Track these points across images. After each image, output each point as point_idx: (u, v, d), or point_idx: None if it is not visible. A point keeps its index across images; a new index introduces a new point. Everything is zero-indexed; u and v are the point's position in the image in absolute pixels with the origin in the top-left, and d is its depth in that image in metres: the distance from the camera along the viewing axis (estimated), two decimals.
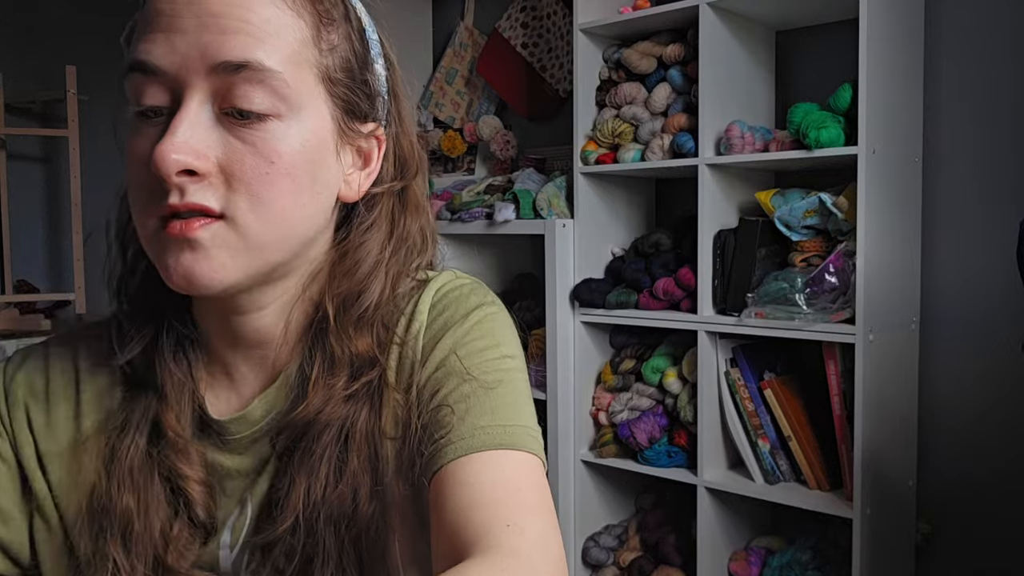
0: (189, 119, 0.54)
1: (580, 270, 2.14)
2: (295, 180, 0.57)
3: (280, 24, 0.56)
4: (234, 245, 0.56)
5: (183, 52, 0.54)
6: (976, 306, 1.88)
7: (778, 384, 1.89)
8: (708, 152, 1.90)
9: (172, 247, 0.55)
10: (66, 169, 3.41)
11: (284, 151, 0.56)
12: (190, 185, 0.54)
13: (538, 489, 0.56)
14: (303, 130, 0.58)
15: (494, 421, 0.58)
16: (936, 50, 1.90)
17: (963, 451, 1.90)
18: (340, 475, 0.61)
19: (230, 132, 0.55)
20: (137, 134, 0.57)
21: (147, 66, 0.55)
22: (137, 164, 0.56)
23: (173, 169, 0.53)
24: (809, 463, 1.86)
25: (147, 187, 0.56)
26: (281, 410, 0.64)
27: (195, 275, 0.55)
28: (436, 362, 0.62)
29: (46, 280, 3.71)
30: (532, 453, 0.58)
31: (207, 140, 0.55)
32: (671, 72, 2.01)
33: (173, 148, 0.53)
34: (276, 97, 0.56)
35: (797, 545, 1.93)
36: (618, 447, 2.09)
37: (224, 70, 0.54)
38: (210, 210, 0.55)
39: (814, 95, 1.86)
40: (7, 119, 3.32)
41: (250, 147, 0.55)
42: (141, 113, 0.56)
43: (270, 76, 0.55)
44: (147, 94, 0.56)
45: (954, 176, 1.90)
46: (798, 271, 1.82)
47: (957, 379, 1.90)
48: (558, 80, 2.51)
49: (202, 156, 0.54)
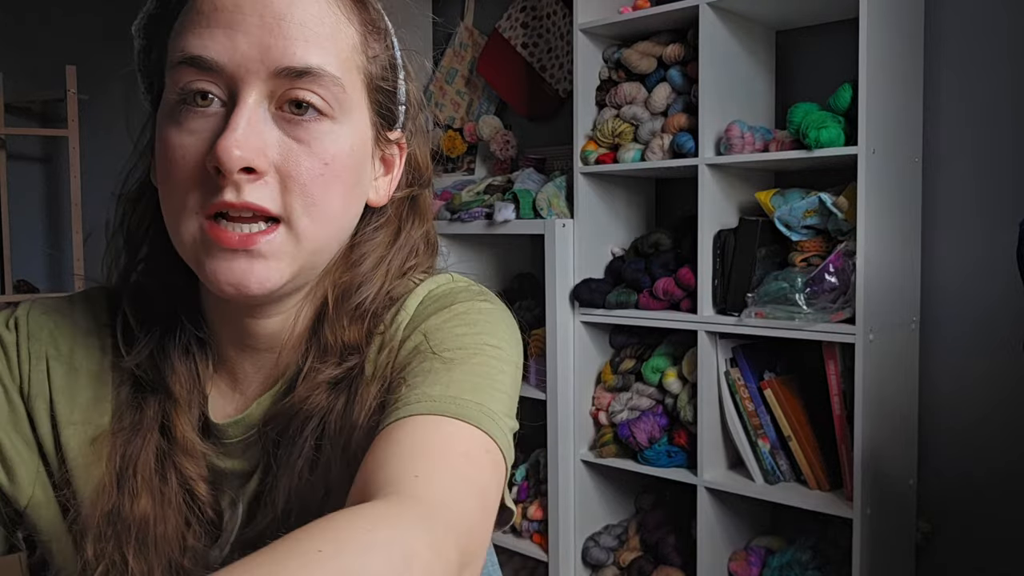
0: (248, 116, 0.54)
1: (580, 270, 2.14)
2: (344, 183, 0.58)
3: (336, 30, 0.57)
4: (291, 251, 0.56)
5: (244, 52, 0.53)
6: (976, 306, 1.88)
7: (778, 384, 1.89)
8: (708, 152, 1.90)
9: (223, 253, 0.54)
10: (66, 169, 3.41)
11: (336, 153, 0.57)
12: (246, 184, 0.54)
13: (468, 458, 0.51)
14: (352, 134, 0.58)
15: (447, 392, 0.54)
16: (936, 50, 1.91)
17: (963, 450, 1.90)
18: (314, 467, 0.60)
19: (286, 132, 0.55)
20: (179, 127, 0.55)
21: (204, 61, 0.54)
22: (182, 158, 0.54)
23: (236, 165, 0.52)
24: (809, 463, 1.86)
25: (193, 182, 0.54)
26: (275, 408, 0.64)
27: (248, 284, 0.55)
28: (409, 348, 0.60)
29: (46, 280, 3.71)
30: (480, 429, 0.53)
31: (266, 139, 0.54)
32: (671, 72, 2.02)
33: (236, 144, 0.52)
34: (332, 100, 0.56)
35: (797, 545, 1.93)
36: (618, 447, 2.09)
37: (287, 75, 0.54)
38: (266, 211, 0.54)
39: (814, 95, 1.86)
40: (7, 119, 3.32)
41: (305, 147, 0.55)
42: (183, 103, 0.55)
43: (329, 80, 0.56)
44: (195, 86, 0.54)
45: (954, 176, 1.90)
46: (798, 271, 1.82)
47: (957, 379, 1.90)
48: (558, 80, 2.52)
49: (262, 154, 0.54)
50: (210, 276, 0.55)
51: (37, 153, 3.71)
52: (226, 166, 0.52)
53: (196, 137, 0.54)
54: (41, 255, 3.72)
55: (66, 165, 3.40)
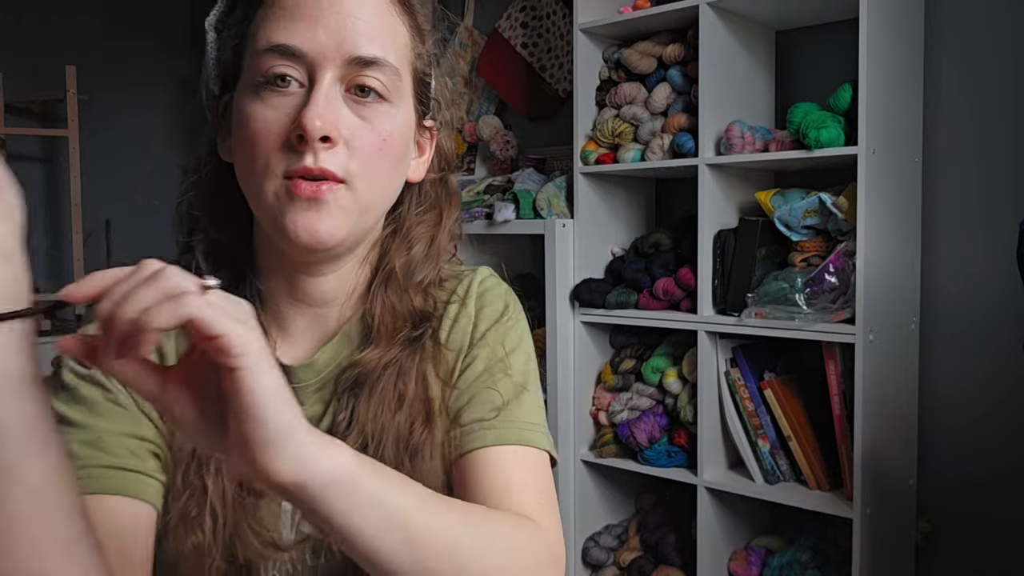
0: (325, 94, 0.64)
1: (580, 270, 2.14)
2: (395, 157, 0.69)
3: (393, 30, 0.69)
4: (348, 207, 0.66)
5: (323, 41, 0.64)
6: (976, 306, 1.88)
7: (778, 384, 1.89)
8: (708, 152, 1.90)
9: (298, 206, 0.64)
10: (66, 169, 3.41)
11: (392, 130, 0.68)
12: (322, 151, 0.63)
13: (548, 480, 0.73)
14: (402, 116, 0.69)
15: (527, 419, 0.73)
16: (936, 50, 1.91)
17: (963, 450, 1.90)
18: (400, 404, 0.71)
19: (353, 111, 0.66)
20: (263, 103, 0.65)
21: (289, 49, 0.64)
22: (266, 130, 0.64)
23: (317, 134, 0.62)
24: (809, 463, 1.86)
25: (275, 149, 0.64)
26: (342, 359, 0.73)
27: (318, 231, 0.64)
28: (483, 358, 0.75)
29: (46, 280, 3.71)
30: (543, 450, 0.73)
31: (339, 114, 0.65)
32: (671, 72, 2.01)
33: (318, 115, 0.62)
34: (390, 86, 0.67)
35: (797, 545, 1.93)
36: (618, 447, 2.09)
37: (357, 63, 0.65)
38: (335, 175, 0.64)
39: (814, 95, 1.86)
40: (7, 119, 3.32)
41: (368, 124, 0.66)
42: (266, 84, 0.65)
43: (390, 70, 0.67)
44: (278, 69, 0.64)
45: (954, 176, 1.90)
46: (798, 271, 1.82)
47: (957, 379, 1.91)
48: (558, 80, 2.52)
49: (335, 127, 0.64)
50: (288, 226, 0.64)
51: (37, 153, 3.70)
52: (309, 134, 0.62)
53: (278, 112, 0.64)
54: (41, 255, 3.72)
55: (66, 165, 3.40)
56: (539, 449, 0.72)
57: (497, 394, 0.72)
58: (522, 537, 0.64)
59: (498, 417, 0.71)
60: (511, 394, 0.73)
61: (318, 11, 0.64)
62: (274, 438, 0.46)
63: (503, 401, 0.72)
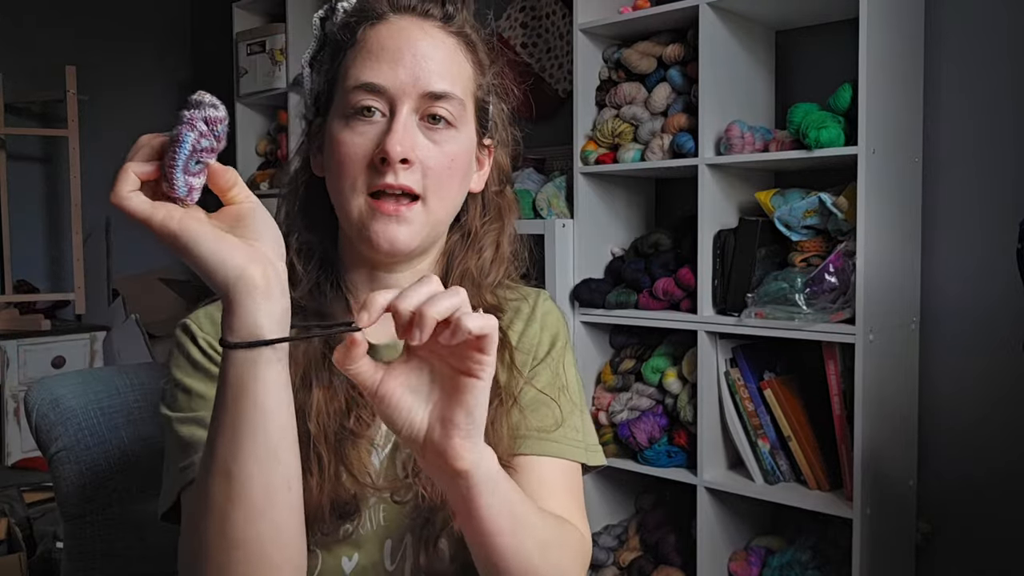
0: (404, 124, 0.76)
1: (580, 270, 2.14)
2: (461, 174, 0.82)
3: (460, 67, 0.81)
4: (423, 220, 0.79)
5: (402, 79, 0.77)
6: (976, 306, 1.88)
7: (778, 384, 1.89)
8: (708, 152, 1.90)
9: (382, 219, 0.77)
10: (66, 169, 3.41)
11: (458, 153, 0.80)
12: (401, 171, 0.76)
13: (582, 492, 0.85)
14: (466, 139, 0.82)
15: (581, 439, 0.85)
16: (936, 50, 1.91)
17: (963, 451, 1.90)
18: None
19: (426, 136, 0.78)
20: (351, 131, 0.78)
21: (374, 86, 0.77)
22: (355, 151, 0.77)
23: (399, 157, 0.75)
24: (809, 463, 1.86)
25: (362, 169, 0.77)
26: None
27: (398, 240, 0.78)
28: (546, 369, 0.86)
29: (46, 280, 3.71)
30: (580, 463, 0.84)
31: (415, 140, 0.77)
32: (671, 72, 2.02)
33: (399, 141, 0.75)
34: (456, 115, 0.79)
35: (797, 545, 1.93)
36: (618, 447, 2.09)
37: (430, 97, 0.78)
38: (413, 190, 0.77)
39: (814, 95, 1.86)
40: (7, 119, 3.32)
41: (438, 147, 0.78)
42: (356, 115, 0.77)
43: (456, 101, 0.79)
44: (366, 103, 0.77)
45: (954, 176, 1.90)
46: (798, 271, 1.82)
47: (957, 379, 1.91)
48: (558, 80, 2.52)
49: (412, 151, 0.76)
50: (372, 236, 0.77)
51: (37, 153, 3.71)
52: (391, 157, 0.74)
53: (364, 138, 0.77)
54: (41, 255, 3.72)
55: (66, 165, 3.40)
56: (580, 463, 0.84)
57: (558, 410, 0.83)
58: (573, 540, 0.77)
59: (558, 431, 0.82)
60: (569, 412, 0.84)
61: (398, 54, 0.77)
62: (473, 431, 0.59)
63: (563, 418, 0.83)
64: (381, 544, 0.80)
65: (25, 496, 2.50)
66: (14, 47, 3.54)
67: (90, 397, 1.05)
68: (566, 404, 0.85)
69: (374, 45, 0.78)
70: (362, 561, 0.80)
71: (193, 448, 0.74)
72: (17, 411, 3.16)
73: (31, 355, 3.23)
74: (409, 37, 0.78)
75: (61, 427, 1.02)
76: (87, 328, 3.41)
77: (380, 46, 0.78)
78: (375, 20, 0.80)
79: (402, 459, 0.81)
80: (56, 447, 1.01)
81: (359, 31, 0.80)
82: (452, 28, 0.82)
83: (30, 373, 3.19)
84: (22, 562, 2.03)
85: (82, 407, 1.04)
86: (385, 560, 0.80)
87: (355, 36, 0.80)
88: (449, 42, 0.81)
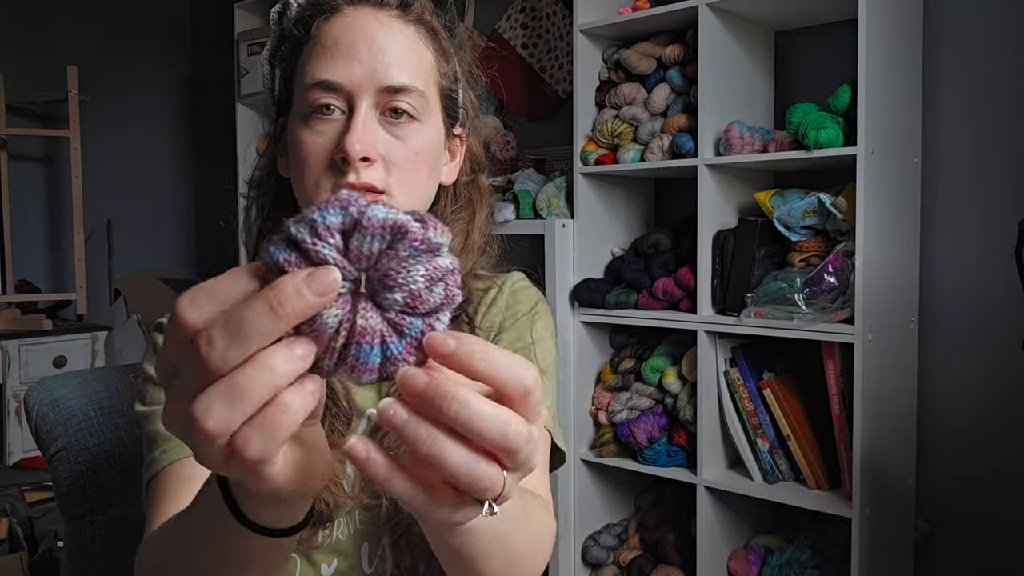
0: (363, 121, 0.73)
1: (580, 270, 2.14)
2: (427, 167, 0.78)
3: (420, 56, 0.77)
4: None
5: (359, 74, 0.73)
6: (975, 306, 1.88)
7: (777, 384, 1.89)
8: (707, 152, 1.90)
9: None
10: (67, 169, 3.42)
11: (423, 146, 0.77)
12: (363, 169, 0.73)
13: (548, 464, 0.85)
14: (432, 131, 0.78)
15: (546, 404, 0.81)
16: (935, 50, 1.91)
17: (962, 450, 1.90)
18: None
19: (388, 131, 0.75)
20: (311, 130, 0.74)
21: (330, 83, 0.73)
22: (316, 150, 0.74)
23: (358, 156, 0.71)
24: (808, 462, 1.86)
25: (323, 169, 0.74)
26: None
27: None
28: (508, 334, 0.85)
29: (47, 280, 3.72)
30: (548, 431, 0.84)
31: (375, 136, 0.74)
32: (670, 73, 2.02)
33: (357, 139, 0.72)
34: (419, 107, 0.76)
35: (796, 544, 1.93)
36: (618, 447, 2.09)
37: (389, 91, 0.74)
38: (375, 187, 0.73)
39: (813, 95, 1.87)
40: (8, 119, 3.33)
41: (401, 142, 0.75)
42: (313, 113, 0.74)
43: (417, 93, 0.75)
44: (323, 101, 0.74)
45: (953, 176, 1.90)
46: (797, 271, 1.83)
47: (956, 378, 1.91)
48: (558, 80, 2.52)
49: (373, 148, 0.73)
50: None
51: (38, 154, 3.71)
52: (350, 156, 0.71)
53: (324, 137, 0.74)
54: (43, 255, 3.73)
55: (67, 166, 3.41)
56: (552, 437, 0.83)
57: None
58: (548, 520, 0.74)
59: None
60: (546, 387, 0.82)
61: (353, 49, 0.74)
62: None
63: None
64: (359, 548, 0.80)
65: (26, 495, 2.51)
66: (15, 47, 3.54)
67: (90, 397, 1.05)
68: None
69: (328, 40, 0.75)
70: (340, 566, 0.79)
71: (163, 440, 0.75)
72: (19, 411, 3.16)
73: (32, 355, 3.24)
74: (364, 29, 0.75)
75: (61, 427, 1.02)
76: (88, 328, 3.42)
77: (334, 40, 0.75)
78: (329, 14, 0.76)
79: None
80: (56, 447, 1.02)
81: (313, 26, 0.76)
82: (410, 17, 0.78)
83: (31, 373, 3.19)
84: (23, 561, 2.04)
85: (82, 407, 1.04)
86: (363, 563, 0.80)
87: (310, 31, 0.77)
88: (407, 32, 0.77)
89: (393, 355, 0.38)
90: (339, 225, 0.36)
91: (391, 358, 0.38)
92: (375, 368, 0.38)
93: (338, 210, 0.36)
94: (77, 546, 1.03)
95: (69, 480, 1.01)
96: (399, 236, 0.37)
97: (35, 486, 2.62)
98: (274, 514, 0.47)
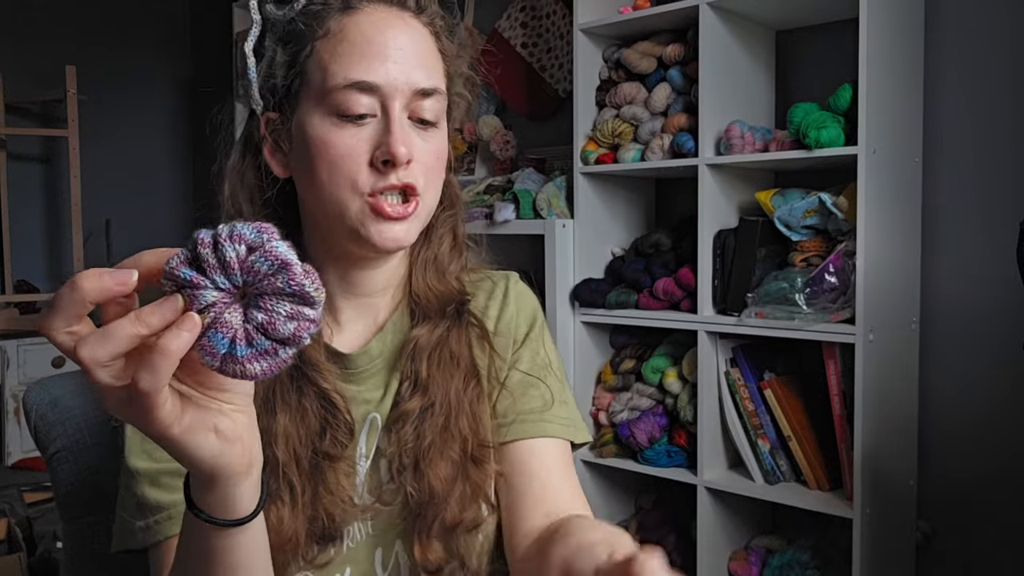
0: (400, 124, 0.73)
1: (580, 270, 2.14)
2: (444, 170, 0.80)
3: (437, 59, 0.78)
4: (419, 216, 0.77)
5: (395, 75, 0.73)
6: (976, 306, 1.88)
7: (778, 384, 1.89)
8: (708, 152, 1.90)
9: (384, 221, 0.74)
10: (66, 169, 3.42)
11: (442, 148, 0.78)
12: (403, 170, 0.73)
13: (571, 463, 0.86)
14: (446, 136, 0.80)
15: (570, 415, 0.85)
16: (936, 50, 1.91)
17: (964, 451, 1.90)
18: (457, 367, 0.82)
19: (417, 134, 0.75)
20: (342, 131, 0.73)
21: (368, 84, 0.72)
22: (348, 154, 0.73)
23: (404, 159, 0.72)
24: (809, 463, 1.86)
25: (359, 170, 0.73)
26: (395, 344, 0.82)
27: (401, 239, 0.75)
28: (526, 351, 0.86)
29: (46, 280, 3.71)
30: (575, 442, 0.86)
31: (412, 140, 0.74)
32: (671, 72, 2.02)
33: (402, 143, 0.72)
34: (440, 111, 0.77)
35: (797, 545, 1.93)
36: (618, 447, 2.09)
37: (420, 94, 0.74)
38: (415, 187, 0.74)
39: (814, 95, 1.86)
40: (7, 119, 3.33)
41: (428, 145, 0.76)
42: (345, 116, 0.73)
43: (440, 96, 0.77)
44: (360, 104, 0.72)
45: (954, 176, 1.90)
46: (798, 271, 1.82)
47: (957, 379, 1.90)
48: (558, 80, 2.52)
49: (412, 151, 0.73)
50: (375, 236, 0.74)
51: (37, 153, 3.71)
52: (397, 159, 0.72)
53: (358, 139, 0.72)
54: (41, 255, 3.72)
55: (66, 165, 3.40)
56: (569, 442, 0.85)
57: (547, 390, 0.84)
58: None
59: (549, 412, 0.83)
60: (559, 390, 0.85)
61: (385, 49, 0.73)
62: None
63: (552, 397, 0.83)
64: (372, 554, 0.80)
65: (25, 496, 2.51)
66: (14, 47, 3.54)
67: (89, 397, 1.05)
68: (554, 383, 0.85)
69: (357, 38, 0.73)
70: (354, 573, 0.79)
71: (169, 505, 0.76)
72: (17, 411, 3.16)
73: (31, 355, 3.23)
74: (393, 29, 0.74)
75: (60, 427, 1.02)
76: None
77: (365, 39, 0.73)
78: (347, 9, 0.74)
79: (385, 463, 0.80)
80: (55, 447, 1.01)
81: (329, 20, 0.74)
82: (424, 18, 0.78)
83: (30, 373, 3.19)
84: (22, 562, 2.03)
85: (81, 407, 1.03)
86: (377, 569, 0.80)
87: (324, 25, 0.74)
88: (425, 33, 0.77)
89: (236, 356, 0.45)
90: (249, 240, 0.45)
91: (234, 356, 0.45)
92: (219, 356, 0.45)
93: (252, 230, 0.45)
94: (76, 547, 1.02)
95: (68, 481, 1.01)
96: (283, 269, 0.45)
97: (34, 487, 2.62)
98: (212, 498, 0.54)
